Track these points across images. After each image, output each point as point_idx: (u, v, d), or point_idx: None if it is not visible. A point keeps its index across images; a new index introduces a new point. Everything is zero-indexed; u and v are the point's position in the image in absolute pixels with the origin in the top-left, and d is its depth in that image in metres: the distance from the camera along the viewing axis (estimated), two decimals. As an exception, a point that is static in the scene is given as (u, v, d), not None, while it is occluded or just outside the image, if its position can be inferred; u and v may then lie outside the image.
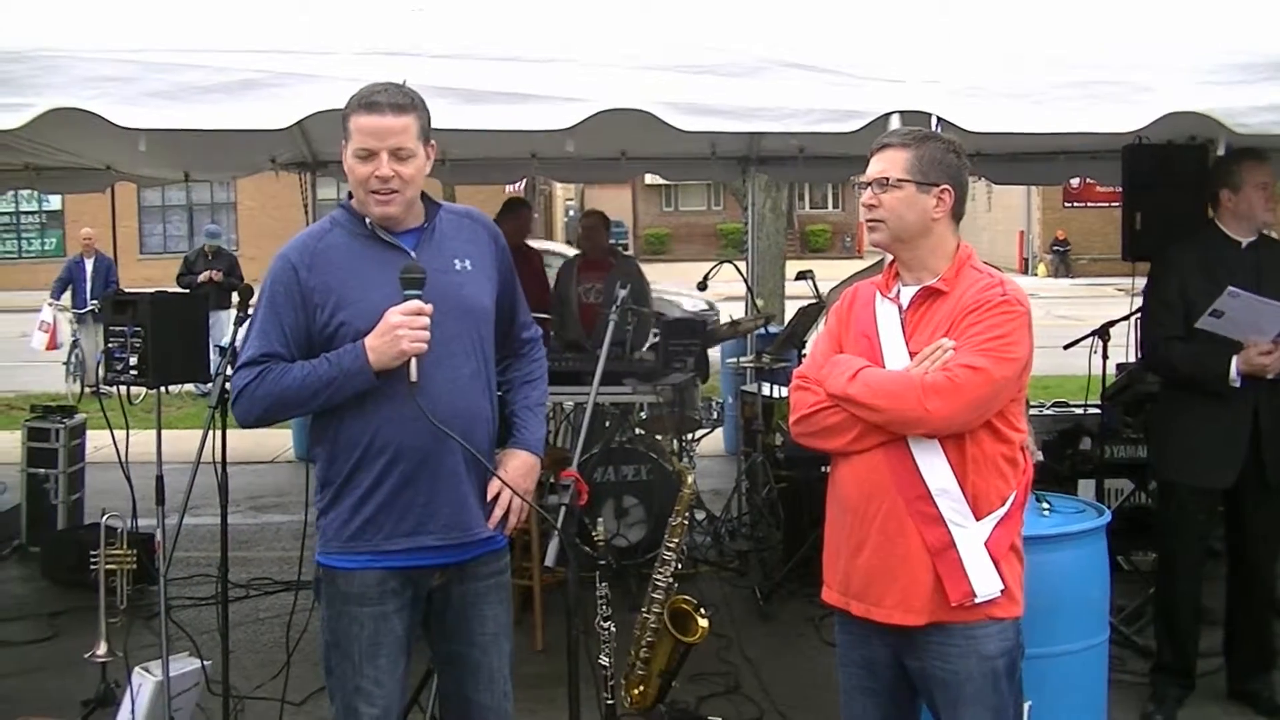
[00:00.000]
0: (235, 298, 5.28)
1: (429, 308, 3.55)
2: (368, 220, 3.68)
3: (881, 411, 3.49)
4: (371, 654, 3.68)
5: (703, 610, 5.44)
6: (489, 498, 3.80)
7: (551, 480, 4.11)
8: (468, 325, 3.73)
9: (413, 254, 3.66)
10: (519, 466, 3.88)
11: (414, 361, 3.52)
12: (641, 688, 5.55)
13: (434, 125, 3.72)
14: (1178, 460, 5.81)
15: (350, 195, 3.78)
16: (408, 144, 3.59)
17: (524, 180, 27.29)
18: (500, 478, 3.78)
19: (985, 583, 3.48)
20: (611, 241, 10.54)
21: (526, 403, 4.04)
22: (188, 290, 15.76)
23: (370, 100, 3.58)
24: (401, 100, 3.60)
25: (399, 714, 3.79)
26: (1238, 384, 5.48)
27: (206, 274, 16.63)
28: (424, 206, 3.77)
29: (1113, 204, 23.93)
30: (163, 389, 5.61)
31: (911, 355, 3.55)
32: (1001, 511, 3.53)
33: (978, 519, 3.49)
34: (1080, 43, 4.94)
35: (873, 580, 3.58)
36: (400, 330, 3.50)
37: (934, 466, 3.49)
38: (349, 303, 3.61)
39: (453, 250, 3.77)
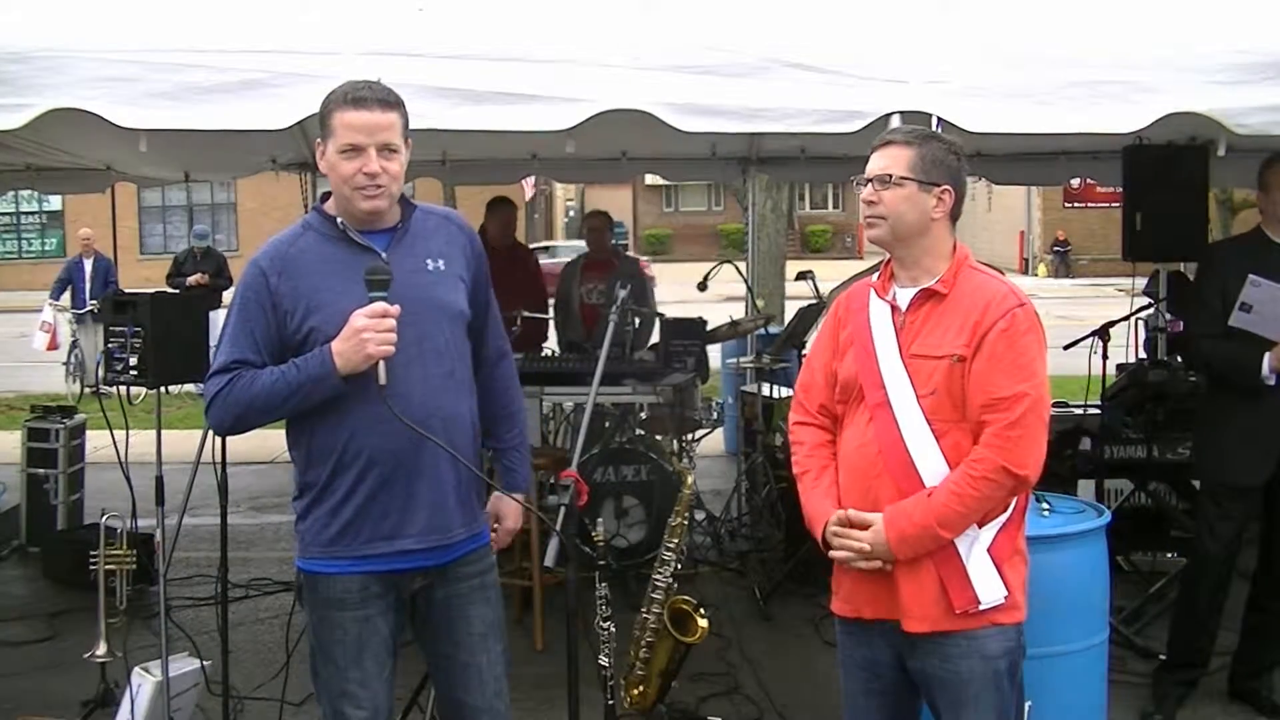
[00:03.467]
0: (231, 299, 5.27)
1: (395, 309, 3.50)
2: (339, 221, 3.64)
3: (978, 509, 3.49)
4: (356, 657, 3.68)
5: (702, 610, 5.44)
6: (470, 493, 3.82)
7: (551, 480, 4.12)
8: (440, 325, 3.70)
9: (384, 255, 3.62)
10: (514, 511, 3.98)
11: (382, 364, 3.49)
12: (641, 688, 5.55)
13: (436, 126, 3.73)
14: (1213, 458, 5.82)
15: (323, 198, 3.76)
16: (394, 140, 3.57)
17: (532, 180, 27.32)
18: (512, 497, 3.82)
19: (989, 590, 3.48)
20: (614, 243, 10.55)
21: (511, 440, 4.07)
22: (177, 291, 15.74)
23: (357, 96, 3.54)
24: (387, 96, 3.58)
25: (387, 715, 3.78)
26: (1271, 381, 5.47)
27: (194, 277, 16.62)
28: (399, 207, 3.73)
29: (1113, 204, 23.98)
30: (162, 389, 5.61)
31: (911, 357, 3.54)
32: (1004, 517, 3.53)
33: (980, 525, 3.50)
34: (1081, 43, 4.93)
35: (878, 587, 3.57)
36: (365, 334, 3.46)
37: (937, 474, 3.49)
38: (318, 308, 3.57)
39: (426, 250, 3.73)
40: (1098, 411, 7.74)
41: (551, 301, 10.02)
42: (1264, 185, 5.63)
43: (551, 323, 9.80)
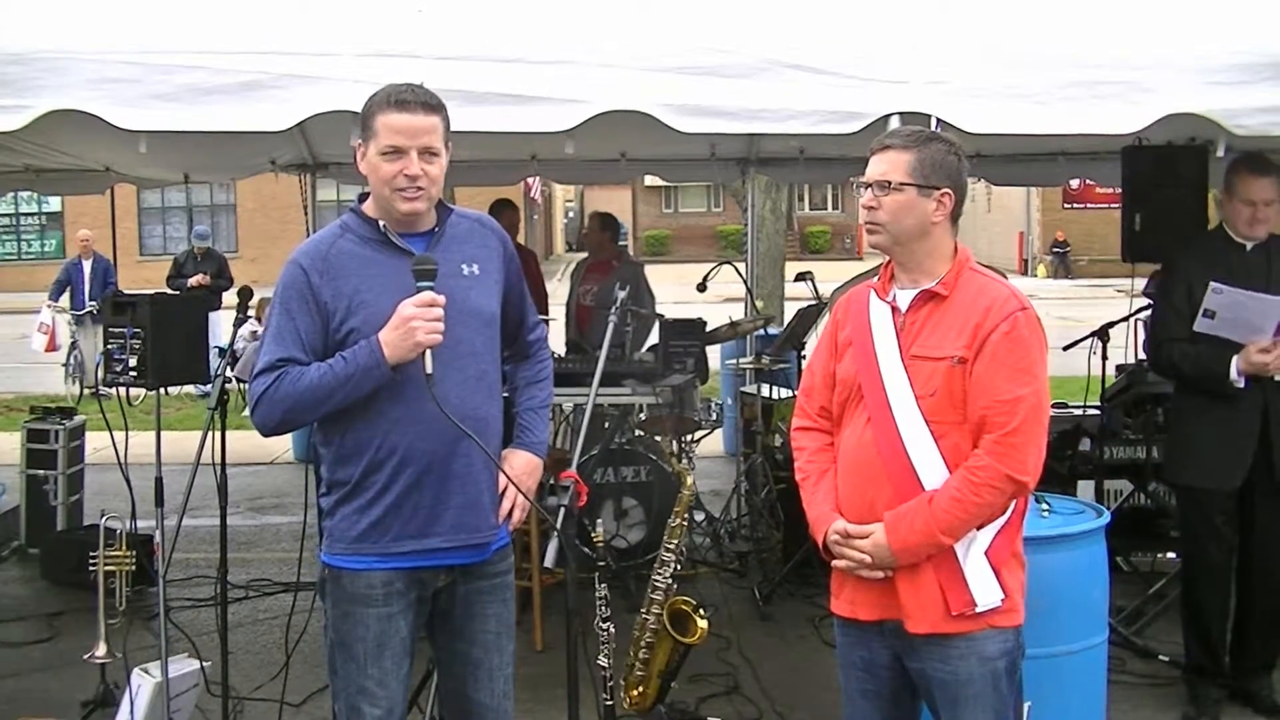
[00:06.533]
0: (236, 298, 5.27)
1: (442, 299, 3.53)
2: (381, 224, 3.66)
3: (980, 515, 3.49)
4: (376, 654, 3.69)
5: (702, 611, 5.44)
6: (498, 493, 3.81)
7: (551, 481, 4.11)
8: (474, 330, 3.72)
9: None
10: (522, 465, 3.90)
11: (428, 353, 3.50)
12: (641, 688, 5.55)
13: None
14: (1188, 463, 5.81)
15: (360, 199, 3.77)
16: (435, 143, 3.60)
17: (535, 181, 27.24)
18: (506, 473, 3.79)
19: (986, 593, 3.48)
20: (622, 245, 10.59)
21: (531, 404, 4.06)
22: (177, 292, 15.74)
23: (400, 98, 3.56)
24: (430, 100, 3.60)
25: (402, 714, 3.79)
26: (1241, 384, 5.47)
27: (196, 278, 16.62)
28: (436, 210, 3.76)
29: (1112, 205, 23.96)
30: (162, 390, 5.61)
31: (911, 358, 3.55)
32: (1002, 520, 3.53)
33: (978, 528, 3.50)
34: (1080, 44, 4.94)
35: (878, 589, 3.58)
36: (415, 322, 3.48)
37: (936, 476, 3.49)
38: (358, 309, 3.59)
39: (461, 255, 3.75)
40: (1097, 412, 7.74)
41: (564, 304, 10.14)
42: (1229, 190, 5.65)
43: (556, 324, 9.83)
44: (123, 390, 5.56)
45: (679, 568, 5.77)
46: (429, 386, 3.50)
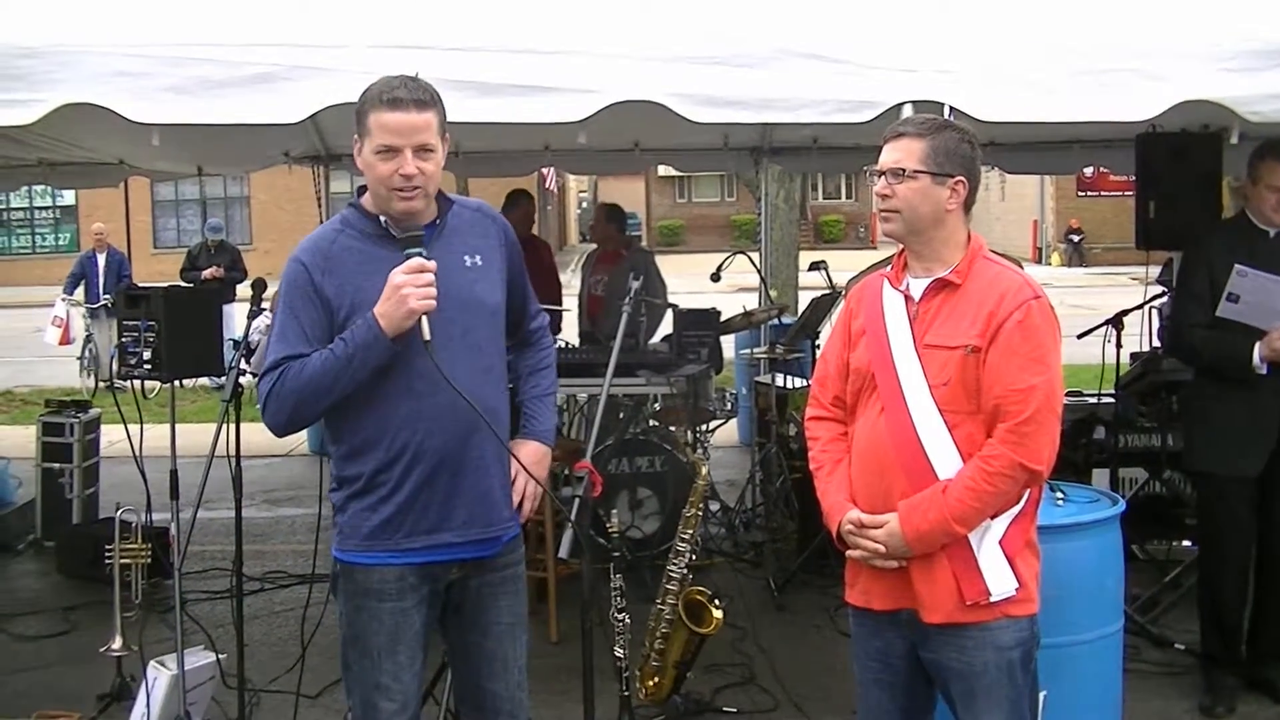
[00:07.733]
0: (250, 291, 5.28)
1: (432, 264, 3.50)
2: (382, 219, 3.64)
3: (994, 504, 3.48)
4: (390, 649, 3.68)
5: (717, 601, 5.45)
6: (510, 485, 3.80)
7: (566, 472, 4.12)
8: (479, 321, 3.71)
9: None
10: (530, 454, 3.88)
11: (424, 320, 3.48)
12: (656, 679, 5.56)
13: (447, 118, 3.69)
14: (1209, 449, 5.78)
15: (359, 192, 3.76)
16: (430, 140, 3.55)
17: (551, 171, 27.26)
18: (519, 459, 3.79)
19: (1000, 581, 3.48)
20: (634, 234, 10.60)
21: (536, 392, 4.04)
22: (192, 285, 15.76)
23: (393, 96, 3.50)
24: (423, 95, 3.55)
25: (416, 708, 3.79)
26: (1263, 370, 5.45)
27: (209, 270, 16.63)
28: (436, 202, 3.73)
29: (1126, 193, 23.90)
30: (177, 383, 5.61)
31: (925, 347, 3.54)
32: (1016, 509, 3.52)
33: (992, 517, 3.49)
34: (1093, 31, 4.92)
35: (893, 579, 3.58)
36: (405, 289, 3.45)
37: (950, 466, 3.48)
38: (361, 306, 3.56)
39: (463, 246, 3.73)
40: (1112, 400, 7.72)
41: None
42: (1252, 176, 5.62)
43: (570, 314, 9.85)
44: (137, 383, 5.57)
45: (694, 558, 5.77)
46: (429, 353, 3.48)
